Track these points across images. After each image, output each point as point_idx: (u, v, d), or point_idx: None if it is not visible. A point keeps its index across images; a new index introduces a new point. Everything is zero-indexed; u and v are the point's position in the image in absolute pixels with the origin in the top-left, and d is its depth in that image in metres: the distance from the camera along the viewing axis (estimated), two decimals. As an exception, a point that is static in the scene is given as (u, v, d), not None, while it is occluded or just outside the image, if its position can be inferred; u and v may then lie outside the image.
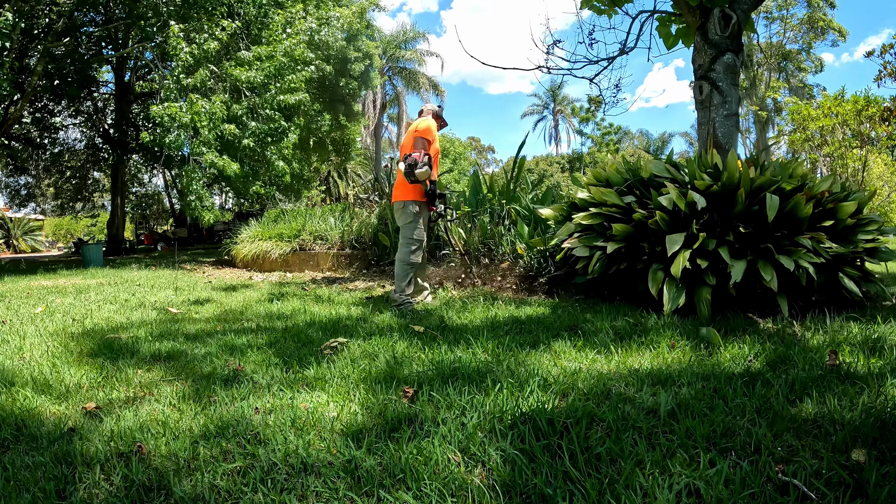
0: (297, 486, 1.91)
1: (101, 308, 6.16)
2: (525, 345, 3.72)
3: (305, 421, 2.42)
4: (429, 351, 3.60)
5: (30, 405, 2.75)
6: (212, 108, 12.36)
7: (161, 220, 41.65)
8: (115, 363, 3.53)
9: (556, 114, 59.61)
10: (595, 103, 37.36)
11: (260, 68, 13.46)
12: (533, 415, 2.36)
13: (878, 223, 5.10)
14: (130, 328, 4.82)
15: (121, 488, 1.94)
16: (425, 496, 1.82)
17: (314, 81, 17.64)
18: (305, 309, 5.66)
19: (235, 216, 28.27)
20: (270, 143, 14.20)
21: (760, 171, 5.36)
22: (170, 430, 2.38)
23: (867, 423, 2.17)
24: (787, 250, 4.48)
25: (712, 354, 3.34)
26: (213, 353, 3.75)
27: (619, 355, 3.39)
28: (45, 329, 4.85)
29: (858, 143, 15.42)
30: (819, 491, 1.75)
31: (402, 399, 2.69)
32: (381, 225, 10.06)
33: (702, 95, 6.24)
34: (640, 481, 1.82)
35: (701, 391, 2.63)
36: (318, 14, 16.70)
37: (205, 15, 13.35)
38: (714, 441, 2.11)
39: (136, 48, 17.63)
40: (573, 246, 5.47)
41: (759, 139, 37.12)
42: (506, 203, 8.45)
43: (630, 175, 5.74)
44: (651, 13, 7.27)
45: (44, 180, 29.15)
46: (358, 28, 22.06)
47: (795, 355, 3.19)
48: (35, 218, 41.80)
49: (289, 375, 3.15)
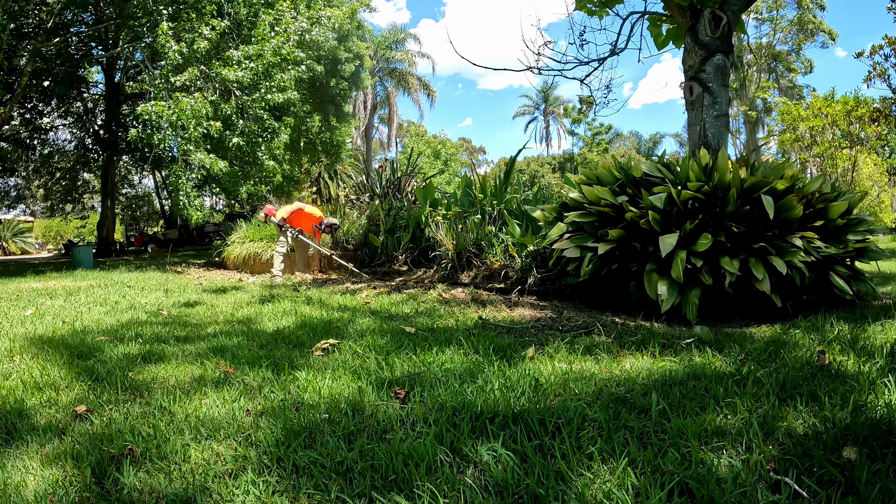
0: (288, 487, 1.90)
1: (92, 310, 6.12)
2: (516, 346, 3.72)
3: (297, 423, 2.41)
4: (420, 353, 3.59)
5: (20, 408, 2.73)
6: (195, 106, 12.30)
7: (151, 221, 41.43)
8: (105, 366, 3.51)
9: (547, 114, 59.73)
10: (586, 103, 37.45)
11: (248, 67, 13.41)
12: (524, 415, 2.36)
13: (868, 223, 5.14)
14: (121, 330, 4.79)
15: (112, 491, 1.92)
16: (417, 497, 1.81)
17: (304, 82, 17.60)
18: (296, 311, 5.64)
19: (226, 217, 28.14)
20: (261, 142, 14.16)
21: (751, 171, 5.39)
22: (161, 433, 2.36)
23: (858, 421, 2.18)
24: (780, 250, 4.51)
25: (704, 354, 3.34)
26: (204, 356, 3.73)
27: (611, 355, 3.40)
28: (35, 332, 4.81)
29: (848, 144, 15.52)
30: (811, 489, 1.76)
31: (393, 400, 2.68)
32: (371, 226, 10.05)
33: (692, 96, 6.26)
34: (632, 481, 1.82)
35: (692, 390, 2.64)
36: (309, 14, 16.65)
37: (195, 13, 13.29)
38: (706, 440, 2.11)
39: (127, 48, 17.53)
40: (564, 247, 5.47)
41: (749, 139, 37.30)
42: (497, 204, 8.45)
43: (622, 175, 5.75)
44: (642, 14, 7.29)
45: (33, 182, 28.95)
46: (349, 29, 22.03)
47: (786, 354, 3.20)
48: (24, 220, 41.49)
49: (280, 377, 3.13)
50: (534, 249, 6.77)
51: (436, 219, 8.57)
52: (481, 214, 8.38)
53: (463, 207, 8.93)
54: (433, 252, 8.51)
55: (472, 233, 7.89)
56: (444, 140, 56.36)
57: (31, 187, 30.34)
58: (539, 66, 7.67)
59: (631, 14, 7.34)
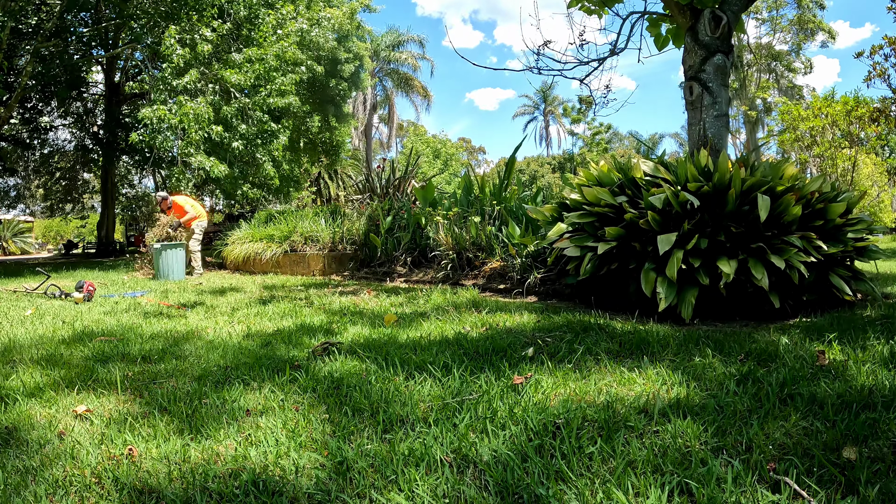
0: (288, 488, 1.90)
1: (91, 310, 6.12)
2: (517, 346, 3.72)
3: (297, 423, 2.41)
4: (420, 352, 3.60)
5: (20, 408, 2.73)
6: (197, 110, 12.32)
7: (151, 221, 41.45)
8: (105, 366, 3.51)
9: (546, 114, 59.77)
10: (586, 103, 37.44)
11: (250, 70, 13.42)
12: (524, 415, 2.36)
13: (868, 223, 5.15)
14: (120, 330, 4.79)
15: (111, 492, 1.92)
16: (417, 497, 1.81)
17: (304, 82, 17.60)
18: (296, 311, 5.64)
19: (226, 217, 28.12)
20: (260, 144, 14.18)
21: (751, 171, 5.39)
22: (161, 433, 2.36)
23: (858, 421, 2.18)
24: (779, 249, 4.51)
25: (704, 354, 3.34)
26: (203, 356, 3.73)
27: (611, 356, 3.40)
28: (34, 332, 4.81)
29: (848, 144, 15.52)
30: (811, 489, 1.76)
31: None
32: (371, 226, 10.05)
33: (692, 96, 6.26)
34: (632, 480, 1.83)
35: (692, 390, 2.64)
36: (309, 15, 16.66)
37: (195, 14, 13.30)
38: (705, 440, 2.11)
39: (126, 49, 17.54)
40: (565, 246, 5.48)
41: (749, 139, 37.29)
42: (497, 204, 8.45)
43: (621, 175, 5.76)
44: (642, 14, 7.29)
45: (33, 182, 28.96)
46: (349, 29, 22.03)
47: (786, 354, 3.20)
48: (24, 220, 41.50)
49: (280, 378, 3.13)
50: (534, 250, 6.77)
51: (435, 219, 8.58)
52: (481, 215, 8.38)
53: (463, 207, 8.93)
54: (433, 252, 8.51)
55: (471, 233, 7.89)
56: (443, 140, 56.37)
57: (31, 187, 30.34)
58: (539, 67, 7.67)
59: (631, 14, 7.34)
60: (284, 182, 19.28)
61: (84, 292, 7.02)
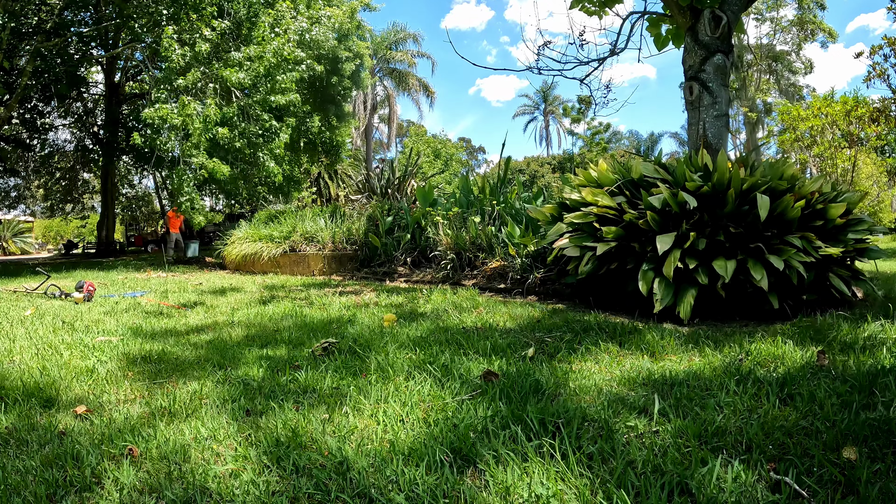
0: (288, 488, 1.90)
1: (91, 310, 6.11)
2: (517, 346, 3.72)
3: (297, 423, 2.41)
4: (420, 352, 3.60)
5: (20, 408, 2.73)
6: (206, 112, 12.30)
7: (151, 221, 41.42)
8: (104, 366, 3.51)
9: (546, 114, 59.74)
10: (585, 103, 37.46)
11: (250, 68, 13.40)
12: (524, 415, 2.36)
13: (868, 223, 5.14)
14: (120, 331, 4.79)
15: (111, 491, 1.92)
16: (417, 497, 1.81)
17: (305, 82, 17.58)
18: (296, 311, 5.63)
19: (226, 217, 28.15)
20: (262, 143, 14.16)
21: (750, 171, 5.39)
22: (161, 433, 2.36)
23: (857, 421, 2.18)
24: (778, 249, 4.51)
25: (703, 354, 3.35)
26: (204, 356, 3.73)
27: (611, 356, 3.40)
28: (34, 332, 4.81)
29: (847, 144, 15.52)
30: (811, 489, 1.76)
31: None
32: (371, 226, 10.04)
33: (692, 96, 6.26)
34: (631, 480, 1.83)
35: (692, 390, 2.64)
36: (309, 14, 16.64)
37: (195, 14, 13.29)
38: (705, 440, 2.11)
39: (127, 49, 17.53)
40: (564, 246, 5.48)
41: (749, 139, 37.26)
42: (496, 204, 8.45)
43: (620, 176, 5.76)
44: (642, 14, 7.29)
45: (33, 182, 28.91)
46: (349, 28, 22.01)
47: (785, 354, 3.20)
48: (24, 220, 41.48)
49: (280, 377, 3.13)
50: (534, 250, 6.77)
51: (435, 219, 8.57)
52: (481, 215, 8.38)
53: (462, 207, 8.93)
54: (433, 252, 8.51)
55: (471, 233, 7.89)
56: (444, 140, 56.35)
57: (31, 187, 30.31)
58: (539, 67, 7.68)
59: (631, 14, 7.34)
60: (285, 181, 19.26)
61: (84, 292, 7.00)
